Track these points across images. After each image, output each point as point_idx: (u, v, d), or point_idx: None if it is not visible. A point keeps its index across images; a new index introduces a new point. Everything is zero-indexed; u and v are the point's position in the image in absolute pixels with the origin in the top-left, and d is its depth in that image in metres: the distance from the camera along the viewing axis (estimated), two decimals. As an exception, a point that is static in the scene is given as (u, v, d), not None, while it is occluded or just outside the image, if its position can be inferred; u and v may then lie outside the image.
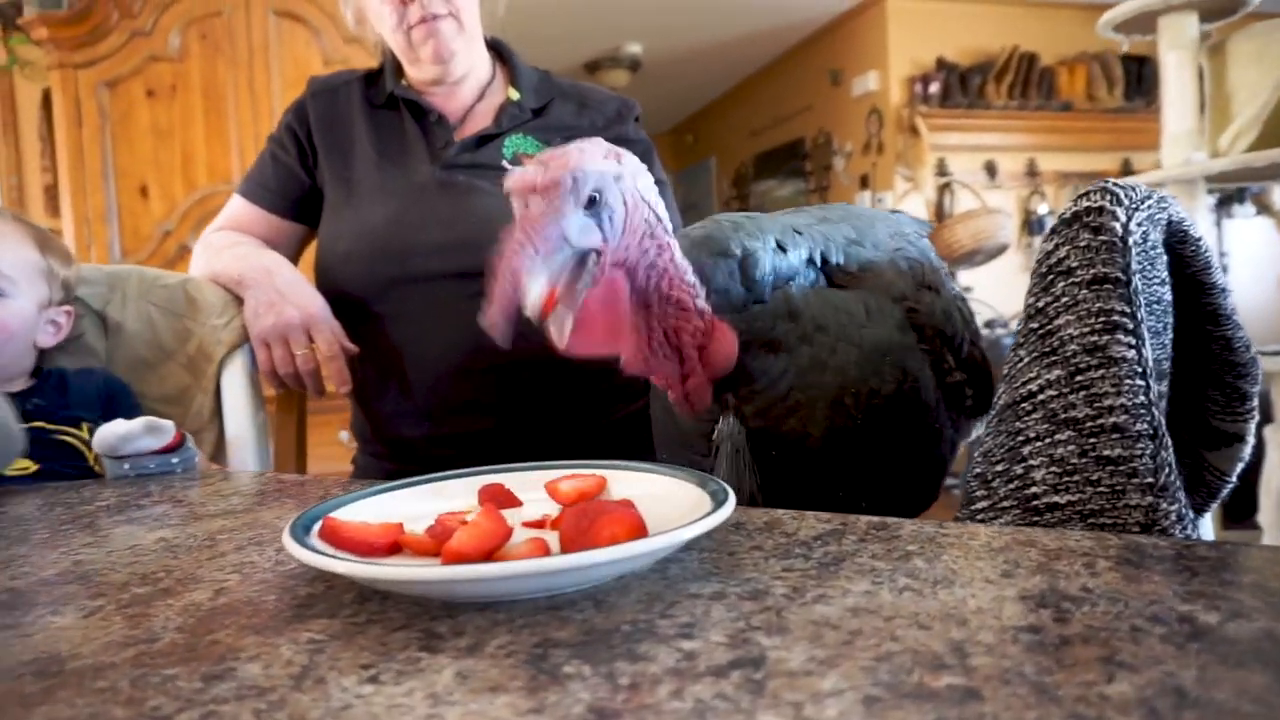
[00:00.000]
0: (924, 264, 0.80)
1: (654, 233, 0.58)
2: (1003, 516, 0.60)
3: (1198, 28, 2.09)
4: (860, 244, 0.77)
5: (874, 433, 0.72)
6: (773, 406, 0.69)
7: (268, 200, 1.22)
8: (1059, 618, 0.35)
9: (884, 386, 0.72)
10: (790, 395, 0.68)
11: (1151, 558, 0.42)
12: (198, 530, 0.58)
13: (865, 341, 0.71)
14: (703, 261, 0.64)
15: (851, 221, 0.79)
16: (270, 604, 0.42)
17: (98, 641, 0.38)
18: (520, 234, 0.51)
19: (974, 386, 0.80)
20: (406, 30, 1.11)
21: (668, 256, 0.59)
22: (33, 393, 1.00)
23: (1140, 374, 0.55)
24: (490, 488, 0.56)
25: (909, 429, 0.75)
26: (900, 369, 0.73)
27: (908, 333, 0.75)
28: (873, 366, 0.71)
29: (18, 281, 1.00)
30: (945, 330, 0.78)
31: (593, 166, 0.53)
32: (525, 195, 0.52)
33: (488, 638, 0.36)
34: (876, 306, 0.73)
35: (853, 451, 0.72)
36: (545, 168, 0.53)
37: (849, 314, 0.72)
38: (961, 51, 4.97)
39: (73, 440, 0.98)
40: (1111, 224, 0.56)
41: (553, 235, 0.52)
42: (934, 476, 0.82)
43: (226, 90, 3.00)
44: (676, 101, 7.00)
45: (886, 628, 0.35)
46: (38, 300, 1.03)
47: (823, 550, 0.46)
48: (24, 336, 1.01)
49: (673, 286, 0.59)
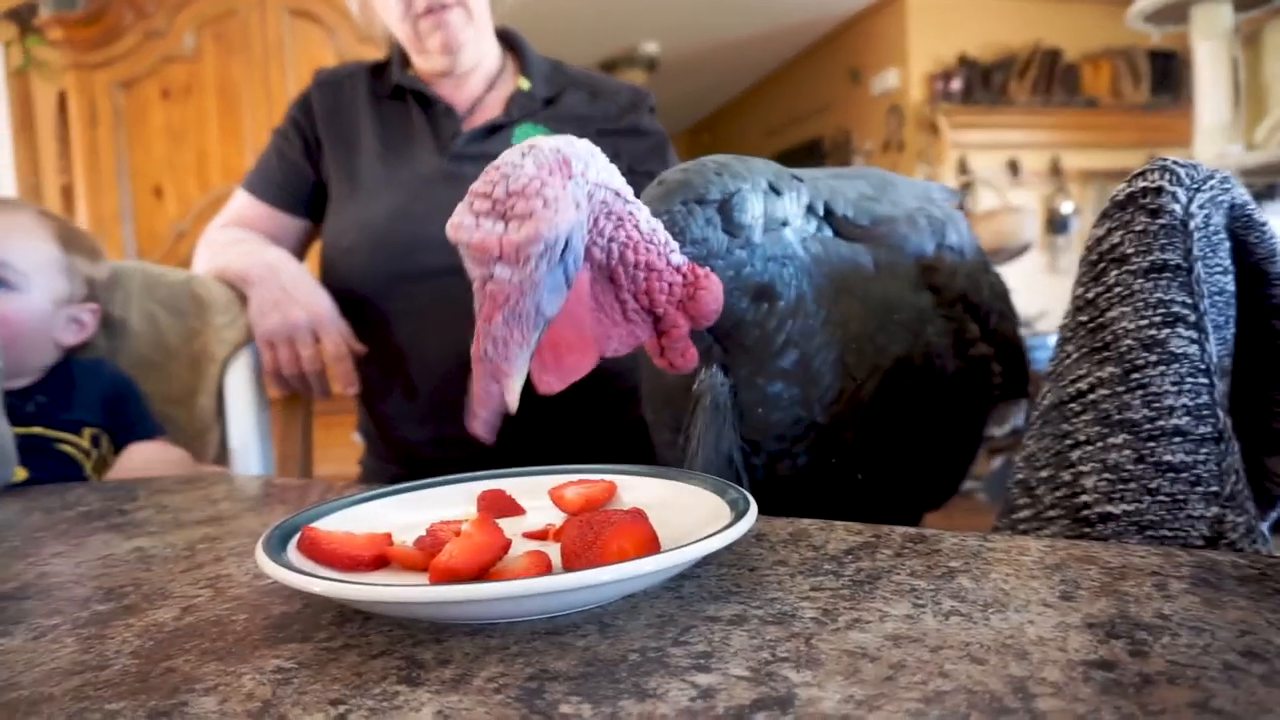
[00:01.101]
0: (948, 224, 0.74)
1: (611, 210, 0.51)
2: (1048, 527, 0.55)
3: (1232, 17, 2.03)
4: (875, 200, 0.71)
5: (879, 400, 0.66)
6: (764, 361, 0.62)
7: (272, 195, 1.18)
8: (1135, 651, 0.30)
9: (891, 346, 0.66)
10: (784, 350, 0.62)
11: (1231, 578, 0.37)
12: (177, 539, 0.54)
13: (871, 295, 0.65)
14: (674, 210, 0.57)
15: (869, 179, 0.73)
16: (239, 625, 0.38)
17: (41, 668, 0.34)
18: (495, 323, 0.44)
19: (1003, 363, 0.74)
20: (414, 20, 1.08)
21: (630, 226, 0.52)
22: (37, 389, 0.97)
23: (1204, 371, 0.50)
24: (490, 494, 0.52)
25: (920, 400, 0.68)
26: (911, 331, 0.67)
27: (922, 293, 0.69)
28: (878, 323, 0.65)
29: (29, 275, 0.96)
30: (969, 296, 0.72)
31: (566, 220, 0.44)
32: (486, 262, 0.44)
33: (476, 668, 0.32)
34: (888, 261, 0.67)
35: (853, 419, 0.66)
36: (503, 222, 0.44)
37: (854, 265, 0.65)
38: (983, 48, 4.89)
39: (71, 450, 0.95)
40: (1171, 206, 0.51)
41: (531, 317, 0.44)
42: (952, 462, 0.77)
43: (241, 90, 2.98)
44: (693, 101, 6.95)
45: (934, 660, 0.30)
46: (54, 296, 0.99)
47: (855, 566, 0.41)
48: (36, 333, 0.97)
49: (638, 252, 0.52)
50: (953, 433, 0.75)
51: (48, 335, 0.98)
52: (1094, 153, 4.96)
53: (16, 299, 0.95)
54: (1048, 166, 4.95)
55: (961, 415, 0.75)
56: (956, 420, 0.74)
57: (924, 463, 0.74)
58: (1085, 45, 4.99)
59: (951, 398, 0.71)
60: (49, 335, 0.99)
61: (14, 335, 0.94)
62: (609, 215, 0.51)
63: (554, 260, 0.45)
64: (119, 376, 1.04)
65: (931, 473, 0.76)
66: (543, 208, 0.43)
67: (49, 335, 0.99)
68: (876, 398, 0.65)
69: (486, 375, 0.43)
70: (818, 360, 0.63)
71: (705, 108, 7.27)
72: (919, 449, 0.72)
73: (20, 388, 0.96)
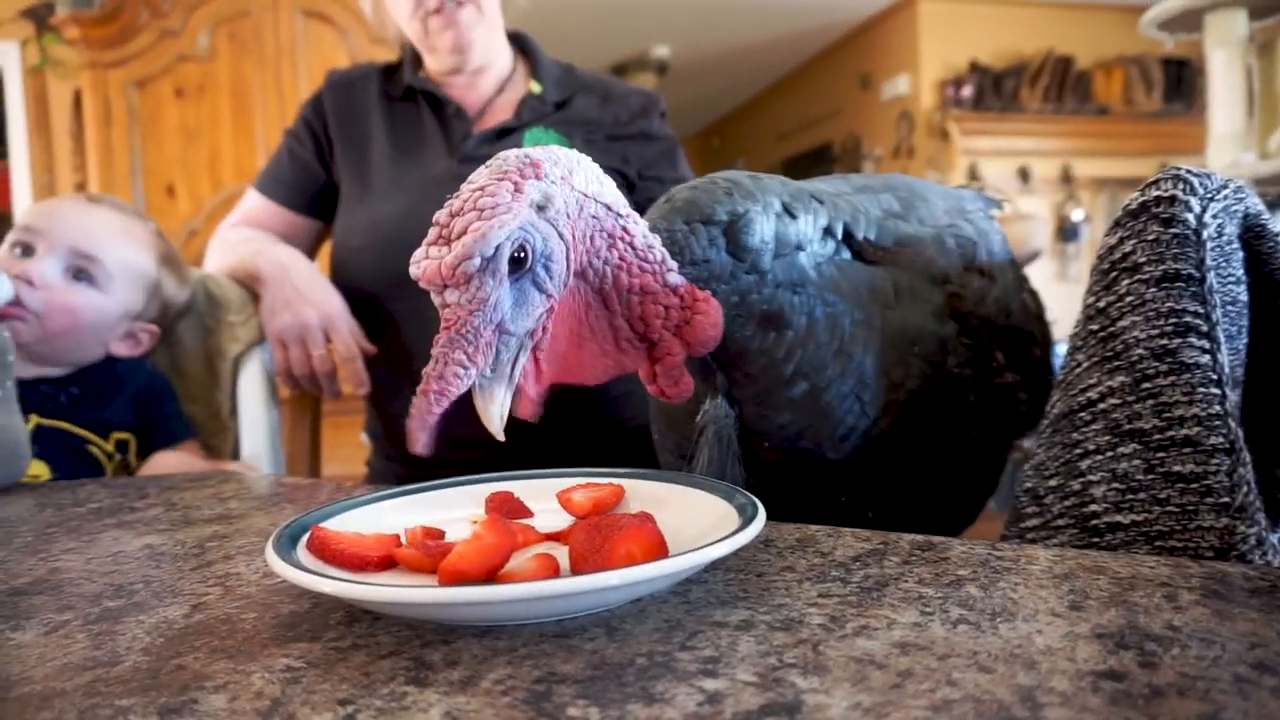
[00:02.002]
0: (978, 245, 0.71)
1: (603, 227, 0.49)
2: (1057, 536, 0.55)
3: (1247, 25, 2.02)
4: (902, 217, 0.67)
5: (893, 436, 0.63)
6: (772, 392, 0.59)
7: (283, 195, 1.19)
8: (1145, 662, 0.30)
9: (908, 381, 0.63)
10: (794, 380, 0.59)
11: (1241, 589, 0.37)
12: (187, 536, 0.55)
13: (890, 325, 0.62)
14: (676, 229, 0.55)
15: (897, 192, 0.70)
16: (249, 623, 0.38)
17: (54, 663, 0.34)
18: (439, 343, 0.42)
19: (1030, 391, 0.71)
20: (424, 18, 1.08)
21: (623, 245, 0.50)
22: (72, 380, 0.97)
23: (1215, 382, 0.50)
24: (498, 496, 0.52)
25: (937, 438, 0.66)
26: (931, 364, 0.64)
27: (946, 322, 0.66)
28: (897, 355, 0.62)
29: (114, 278, 0.97)
30: (995, 322, 0.69)
31: (502, 225, 0.42)
32: (438, 290, 0.43)
33: (484, 669, 0.32)
34: (909, 287, 0.64)
35: (865, 455, 0.63)
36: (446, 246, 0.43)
37: (872, 291, 0.62)
38: (995, 54, 4.88)
39: (97, 452, 0.95)
40: (1184, 215, 0.50)
41: (486, 336, 0.43)
42: (969, 495, 0.74)
43: (253, 90, 3.00)
44: (704, 105, 6.95)
45: (941, 669, 0.30)
46: (127, 307, 0.99)
47: (862, 573, 0.41)
48: (93, 332, 0.97)
49: (631, 274, 0.50)
50: (971, 469, 0.72)
51: (103, 339, 0.98)
52: (1105, 160, 4.94)
53: (93, 295, 0.95)
54: (1059, 174, 4.93)
55: (982, 449, 0.71)
56: (975, 456, 0.71)
57: (938, 501, 0.71)
58: (1098, 52, 4.97)
59: (971, 431, 0.68)
60: (104, 339, 0.98)
61: (73, 326, 0.94)
62: (601, 232, 0.49)
63: (500, 272, 0.43)
64: (156, 375, 1.04)
65: (945, 510, 0.73)
66: (476, 219, 0.42)
67: (104, 339, 0.98)
68: (890, 435, 0.63)
69: (421, 395, 0.42)
70: (829, 393, 0.60)
71: (716, 112, 7.27)
72: (934, 488, 0.69)
73: (56, 377, 0.96)
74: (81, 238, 0.95)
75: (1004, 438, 0.74)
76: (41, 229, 0.94)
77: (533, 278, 0.45)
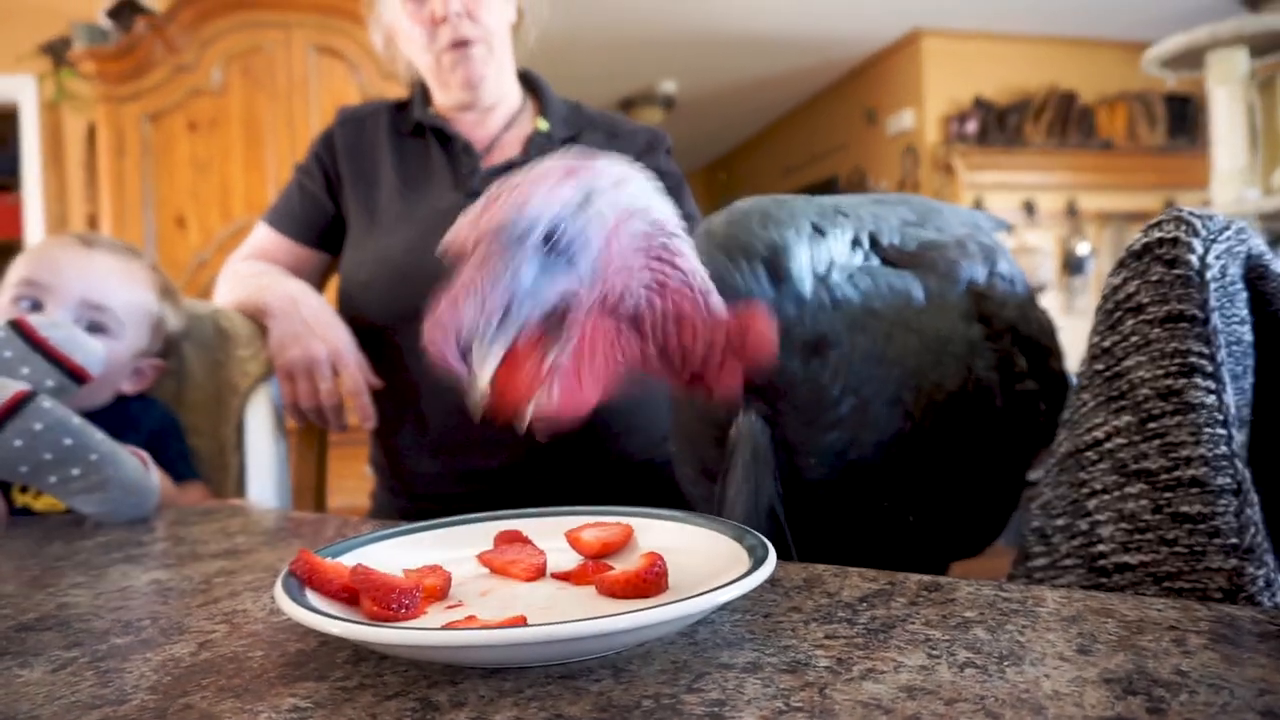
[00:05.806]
0: (998, 251, 0.72)
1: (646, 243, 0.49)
2: (1064, 576, 0.55)
3: (1248, 63, 2.04)
4: (920, 225, 0.68)
5: (934, 439, 0.63)
6: (820, 414, 0.60)
7: (293, 229, 1.20)
8: (1153, 708, 0.30)
9: (946, 381, 0.63)
10: (842, 398, 0.59)
11: (1250, 634, 0.37)
12: (194, 572, 0.55)
13: (925, 328, 0.62)
14: (718, 263, 0.55)
15: (912, 206, 0.71)
16: (256, 661, 0.38)
17: (62, 701, 0.34)
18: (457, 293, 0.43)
19: (1049, 403, 0.71)
20: (437, 54, 1.10)
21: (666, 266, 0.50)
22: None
23: (1221, 422, 0.50)
24: (507, 534, 0.52)
25: (971, 437, 0.66)
26: (963, 364, 0.64)
27: (973, 324, 0.66)
28: (934, 357, 0.62)
29: (125, 325, 0.97)
30: (1019, 327, 0.69)
31: (542, 199, 0.43)
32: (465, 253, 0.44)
33: (490, 711, 0.32)
34: (937, 290, 0.65)
35: (907, 459, 0.63)
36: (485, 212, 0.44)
37: (905, 296, 0.63)
38: (999, 90, 4.93)
39: None
40: (1187, 256, 0.51)
41: (499, 291, 0.43)
42: (1001, 502, 0.74)
43: (265, 124, 3.04)
44: (710, 139, 7.02)
45: (948, 714, 0.30)
46: (136, 348, 1.00)
47: (869, 614, 0.41)
48: (108, 378, 0.96)
49: (666, 296, 0.50)
50: (1000, 473, 0.72)
51: (115, 382, 0.99)
52: (1110, 194, 4.97)
53: (109, 344, 0.94)
54: (1064, 208, 4.95)
55: (1008, 454, 0.72)
56: (1004, 460, 0.71)
57: (971, 505, 0.71)
58: (1101, 88, 5.02)
59: (1000, 434, 0.69)
60: (115, 382, 0.99)
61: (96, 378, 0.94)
62: (641, 250, 0.49)
63: (534, 242, 0.44)
64: (167, 415, 1.04)
65: (977, 516, 0.73)
66: (509, 194, 0.44)
67: (115, 382, 0.99)
68: (930, 435, 0.63)
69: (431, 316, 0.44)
70: (875, 403, 0.61)
71: (722, 146, 7.34)
72: (968, 489, 0.69)
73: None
74: (90, 289, 0.95)
75: (1027, 447, 0.74)
76: (46, 283, 0.93)
77: (560, 259, 0.46)
